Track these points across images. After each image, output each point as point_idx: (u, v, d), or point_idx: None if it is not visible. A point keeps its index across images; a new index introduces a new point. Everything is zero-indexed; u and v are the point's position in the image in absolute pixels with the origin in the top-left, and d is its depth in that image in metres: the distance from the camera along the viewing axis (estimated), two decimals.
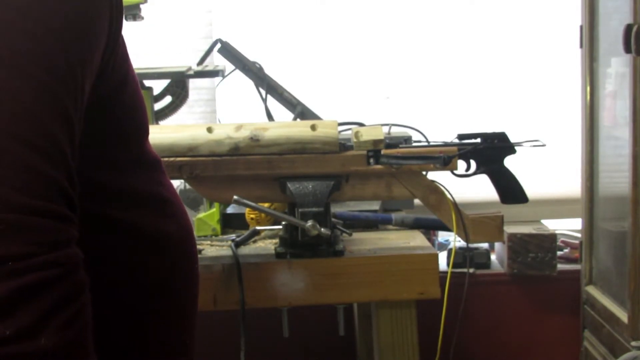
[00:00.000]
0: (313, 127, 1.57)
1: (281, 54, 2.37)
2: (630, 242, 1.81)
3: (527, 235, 2.28)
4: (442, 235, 2.47)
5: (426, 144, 1.68)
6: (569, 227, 2.49)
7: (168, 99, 2.03)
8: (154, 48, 2.32)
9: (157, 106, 2.02)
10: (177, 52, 2.34)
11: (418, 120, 1.93)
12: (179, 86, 2.02)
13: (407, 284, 1.61)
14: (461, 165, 1.64)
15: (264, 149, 1.56)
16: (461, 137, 1.67)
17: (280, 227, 1.66)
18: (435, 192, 1.63)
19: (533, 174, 2.33)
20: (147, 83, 1.98)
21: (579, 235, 2.31)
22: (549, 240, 2.28)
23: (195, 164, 1.56)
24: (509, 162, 1.67)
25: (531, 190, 1.81)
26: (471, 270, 2.31)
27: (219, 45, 2.06)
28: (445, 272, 1.68)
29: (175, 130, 1.58)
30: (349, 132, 1.66)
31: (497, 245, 2.44)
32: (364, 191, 1.62)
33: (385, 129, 1.82)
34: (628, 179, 1.80)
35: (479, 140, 1.66)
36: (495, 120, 2.37)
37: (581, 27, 2.14)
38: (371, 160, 1.59)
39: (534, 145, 1.65)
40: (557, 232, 2.33)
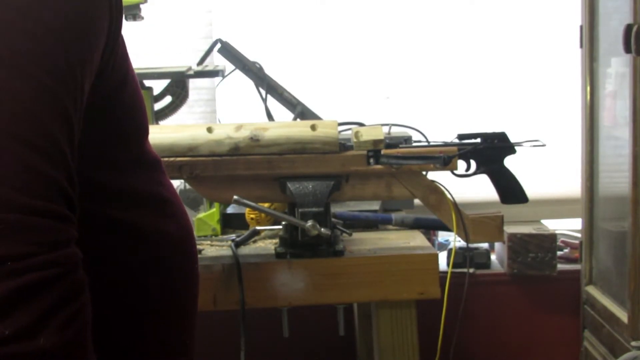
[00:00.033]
0: (313, 127, 1.57)
1: (281, 54, 2.37)
2: (630, 242, 1.81)
3: (527, 235, 2.28)
4: (442, 235, 2.47)
5: (426, 144, 1.68)
6: (569, 227, 2.49)
7: (168, 99, 2.03)
8: (154, 48, 2.32)
9: (157, 106, 2.02)
10: (177, 52, 2.34)
11: (418, 120, 1.93)
12: (179, 86, 2.02)
13: (407, 284, 1.61)
14: (461, 165, 1.64)
15: (264, 149, 1.56)
16: (461, 137, 1.67)
17: (280, 227, 1.66)
18: (435, 192, 1.63)
19: (533, 174, 2.33)
20: (147, 83, 1.98)
21: (579, 235, 2.31)
22: (549, 240, 2.28)
23: (195, 164, 1.56)
24: (509, 162, 1.67)
25: (531, 190, 1.81)
26: (471, 270, 2.31)
27: (219, 45, 2.06)
28: (445, 272, 1.68)
29: (175, 130, 1.58)
30: (349, 132, 1.65)
31: (497, 245, 2.44)
32: (364, 191, 1.62)
33: (385, 129, 1.82)
34: (628, 179, 1.80)
35: (479, 140, 1.66)
36: (495, 120, 2.37)
37: (581, 27, 2.14)
38: (371, 160, 1.59)
39: (534, 145, 1.65)
40: (557, 232, 2.33)
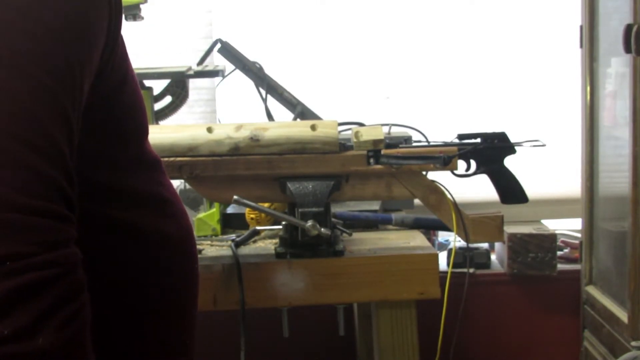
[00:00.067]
0: (313, 127, 1.57)
1: (281, 54, 2.37)
2: (630, 242, 1.81)
3: (527, 235, 2.28)
4: (442, 235, 2.47)
5: (426, 144, 1.68)
6: (569, 227, 2.49)
7: (168, 99, 2.03)
8: (154, 48, 2.32)
9: (157, 106, 2.02)
10: (177, 52, 2.34)
11: (418, 120, 1.93)
12: (179, 86, 2.02)
13: (407, 284, 1.61)
14: (461, 165, 1.64)
15: (264, 149, 1.56)
16: (461, 137, 1.67)
17: (280, 227, 1.66)
18: (435, 192, 1.63)
19: (533, 174, 2.33)
20: (147, 83, 1.98)
21: (579, 235, 2.31)
22: (549, 240, 2.28)
23: (195, 164, 1.56)
24: (509, 162, 1.67)
25: (531, 190, 1.80)
26: (471, 270, 2.31)
27: (219, 45, 2.06)
28: (445, 272, 1.68)
29: (175, 130, 1.58)
30: (349, 132, 1.65)
31: (497, 245, 2.44)
32: (364, 191, 1.62)
33: (385, 129, 1.82)
34: (628, 179, 1.80)
35: (479, 140, 1.66)
36: (495, 120, 2.37)
37: (581, 27, 2.14)
38: (371, 160, 1.59)
39: (534, 145, 1.65)
40: (557, 232, 2.33)
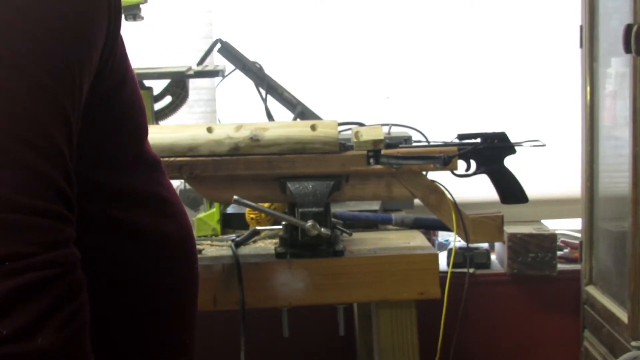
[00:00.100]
0: (313, 127, 1.57)
1: (281, 54, 2.36)
2: (630, 242, 1.81)
3: (527, 235, 2.28)
4: (442, 235, 2.47)
5: (426, 144, 1.68)
6: (569, 227, 2.49)
7: (168, 99, 2.03)
8: (154, 48, 2.32)
9: (157, 106, 2.02)
10: (177, 52, 2.34)
11: (418, 120, 1.93)
12: (179, 86, 2.02)
13: (407, 284, 1.61)
14: (461, 165, 1.64)
15: (264, 149, 1.56)
16: (461, 137, 1.67)
17: (280, 227, 1.66)
18: (435, 192, 1.63)
19: (533, 174, 2.33)
20: (147, 83, 1.98)
21: (579, 235, 2.31)
22: (549, 240, 2.28)
23: (195, 164, 1.56)
24: (509, 162, 1.67)
25: (531, 190, 1.80)
26: (471, 270, 2.31)
27: (219, 45, 2.06)
28: (445, 272, 1.68)
29: (175, 130, 1.58)
30: (349, 132, 1.65)
31: (497, 245, 2.44)
32: (364, 191, 1.62)
33: (385, 129, 1.82)
34: (628, 179, 1.80)
35: (479, 140, 1.66)
36: (495, 120, 2.37)
37: (581, 27, 2.13)
38: (371, 160, 1.59)
39: (534, 145, 1.64)
40: (557, 232, 2.33)
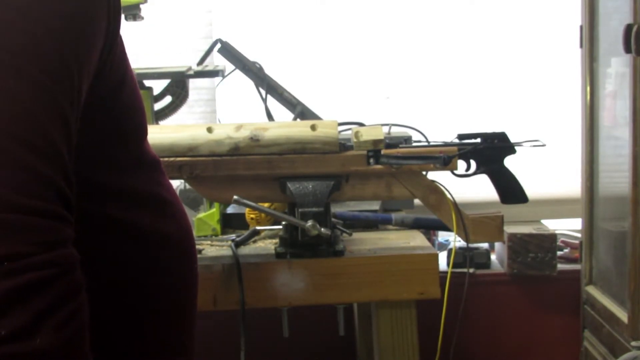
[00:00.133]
0: (313, 127, 1.57)
1: (281, 54, 2.37)
2: (630, 242, 1.81)
3: (527, 235, 2.28)
4: (442, 235, 2.47)
5: (426, 144, 1.68)
6: (569, 227, 2.49)
7: (168, 99, 2.03)
8: (154, 48, 2.32)
9: (157, 106, 2.02)
10: (177, 52, 2.34)
11: (418, 120, 1.93)
12: (179, 86, 2.02)
13: (407, 284, 1.61)
14: (461, 165, 1.64)
15: (264, 149, 1.56)
16: (461, 137, 1.67)
17: (280, 227, 1.66)
18: (435, 192, 1.63)
19: (533, 174, 2.33)
20: (147, 83, 1.97)
21: (579, 235, 2.31)
22: (549, 240, 2.28)
23: (195, 164, 1.56)
24: (509, 162, 1.67)
25: (531, 190, 1.80)
26: (471, 270, 2.31)
27: (219, 45, 2.06)
28: (445, 272, 1.68)
29: (175, 130, 1.58)
30: (349, 132, 1.65)
31: (497, 245, 2.44)
32: (364, 191, 1.62)
33: (385, 129, 1.82)
34: (628, 179, 1.80)
35: (479, 140, 1.66)
36: (495, 120, 2.37)
37: (581, 27, 2.13)
38: (371, 160, 1.59)
39: (534, 145, 1.64)
40: (557, 232, 2.33)
